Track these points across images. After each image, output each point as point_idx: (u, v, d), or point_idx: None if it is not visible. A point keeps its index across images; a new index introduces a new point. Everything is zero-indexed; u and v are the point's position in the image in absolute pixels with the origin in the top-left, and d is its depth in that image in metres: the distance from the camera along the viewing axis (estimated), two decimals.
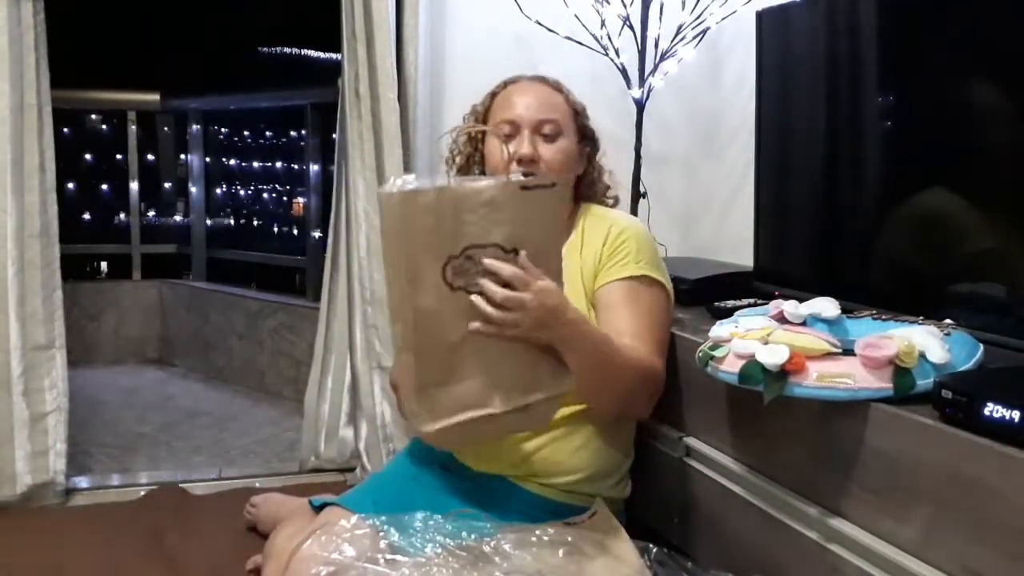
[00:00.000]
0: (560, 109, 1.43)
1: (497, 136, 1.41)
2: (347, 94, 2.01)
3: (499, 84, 1.49)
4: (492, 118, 1.45)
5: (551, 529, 1.24)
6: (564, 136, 1.42)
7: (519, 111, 1.40)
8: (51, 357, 1.93)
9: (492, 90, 1.49)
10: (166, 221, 3.73)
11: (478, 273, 1.09)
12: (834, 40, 1.46)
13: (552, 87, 1.46)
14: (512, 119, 1.40)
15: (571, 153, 1.43)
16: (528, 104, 1.41)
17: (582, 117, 1.47)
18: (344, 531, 1.17)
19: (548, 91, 1.45)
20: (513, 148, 1.38)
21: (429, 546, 1.13)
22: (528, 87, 1.45)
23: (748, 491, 1.26)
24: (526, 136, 1.39)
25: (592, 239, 1.43)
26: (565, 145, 1.42)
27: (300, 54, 3.66)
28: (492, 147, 1.44)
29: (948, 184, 1.25)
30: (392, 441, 2.05)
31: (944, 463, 0.93)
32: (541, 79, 1.47)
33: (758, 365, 1.07)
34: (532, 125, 1.39)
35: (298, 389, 2.72)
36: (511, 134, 1.40)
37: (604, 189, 1.53)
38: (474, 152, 1.49)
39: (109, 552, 1.67)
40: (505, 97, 1.45)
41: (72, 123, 3.71)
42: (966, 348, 1.07)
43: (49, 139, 1.91)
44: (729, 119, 2.19)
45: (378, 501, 1.32)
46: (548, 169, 1.38)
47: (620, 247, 1.40)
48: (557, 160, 1.39)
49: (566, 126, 1.42)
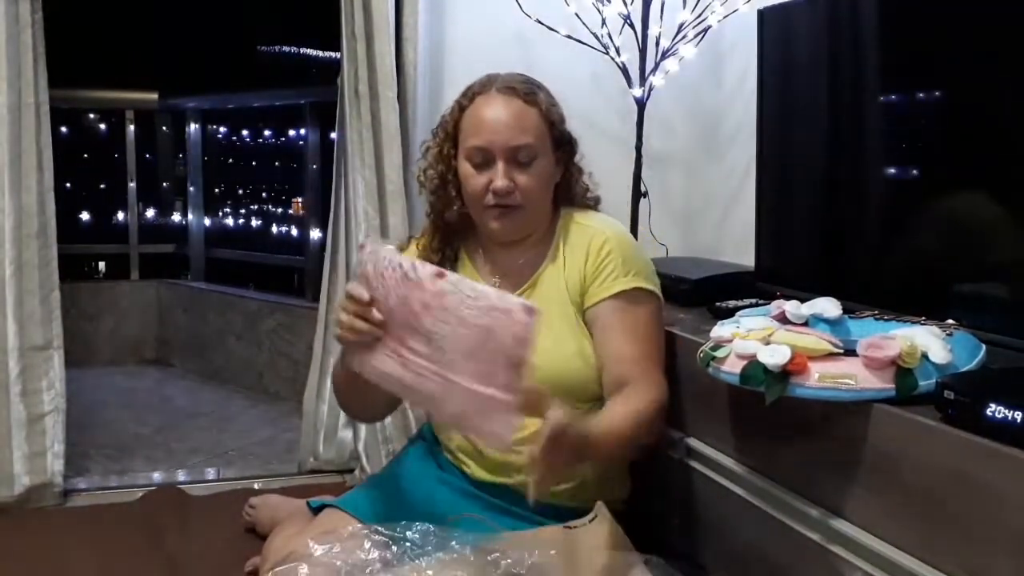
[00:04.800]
0: (533, 128, 1.33)
1: (469, 161, 1.34)
2: (347, 93, 2.01)
3: (466, 93, 1.38)
4: (462, 135, 1.36)
5: (551, 533, 1.23)
6: (539, 158, 1.34)
7: (489, 137, 1.31)
8: (49, 358, 1.92)
9: (459, 100, 1.38)
10: (164, 221, 3.72)
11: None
12: (836, 39, 1.46)
13: (524, 100, 1.34)
14: (483, 146, 1.32)
15: (548, 173, 1.36)
16: (499, 128, 1.31)
17: (558, 127, 1.37)
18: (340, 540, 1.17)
19: (520, 108, 1.33)
20: (487, 178, 1.32)
21: (424, 561, 1.12)
22: (498, 103, 1.33)
23: (749, 492, 1.25)
24: (500, 168, 1.31)
25: (573, 254, 1.38)
26: (541, 168, 1.34)
27: (299, 53, 3.66)
28: (465, 171, 1.35)
29: (950, 183, 1.25)
30: (391, 442, 2.05)
31: (946, 464, 0.93)
32: (511, 89, 1.34)
33: (760, 366, 1.07)
34: (505, 153, 1.31)
35: (297, 390, 2.70)
36: (483, 162, 1.33)
37: (583, 191, 1.46)
38: (447, 170, 1.39)
39: (107, 554, 1.67)
40: (474, 115, 1.35)
41: (70, 122, 3.70)
42: (968, 348, 1.07)
43: (47, 138, 1.90)
44: (730, 118, 2.19)
45: (376, 503, 1.31)
46: (525, 197, 1.33)
47: (605, 262, 1.35)
48: (534, 186, 1.33)
49: (541, 146, 1.34)
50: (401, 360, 1.13)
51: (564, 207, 1.44)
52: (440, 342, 1.08)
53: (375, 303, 1.15)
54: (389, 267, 1.12)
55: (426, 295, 1.09)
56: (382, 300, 1.14)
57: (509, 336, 1.03)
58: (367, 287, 1.15)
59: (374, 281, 1.14)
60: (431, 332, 1.09)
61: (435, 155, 1.41)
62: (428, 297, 1.08)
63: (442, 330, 1.08)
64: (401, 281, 1.11)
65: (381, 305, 1.14)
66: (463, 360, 1.07)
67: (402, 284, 1.11)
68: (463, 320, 1.06)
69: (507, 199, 1.33)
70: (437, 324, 1.08)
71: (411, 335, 1.11)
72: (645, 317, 1.36)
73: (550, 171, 1.38)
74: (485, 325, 1.05)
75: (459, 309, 1.06)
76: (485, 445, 1.20)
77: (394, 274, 1.11)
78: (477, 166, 1.34)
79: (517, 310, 1.03)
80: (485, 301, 1.05)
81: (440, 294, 1.08)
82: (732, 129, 2.18)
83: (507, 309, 1.04)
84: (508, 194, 1.32)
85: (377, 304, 1.14)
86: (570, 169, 1.43)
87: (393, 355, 1.14)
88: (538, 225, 1.41)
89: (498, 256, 1.42)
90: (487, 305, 1.05)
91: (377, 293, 1.14)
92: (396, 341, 1.13)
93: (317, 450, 2.12)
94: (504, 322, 1.03)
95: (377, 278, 1.14)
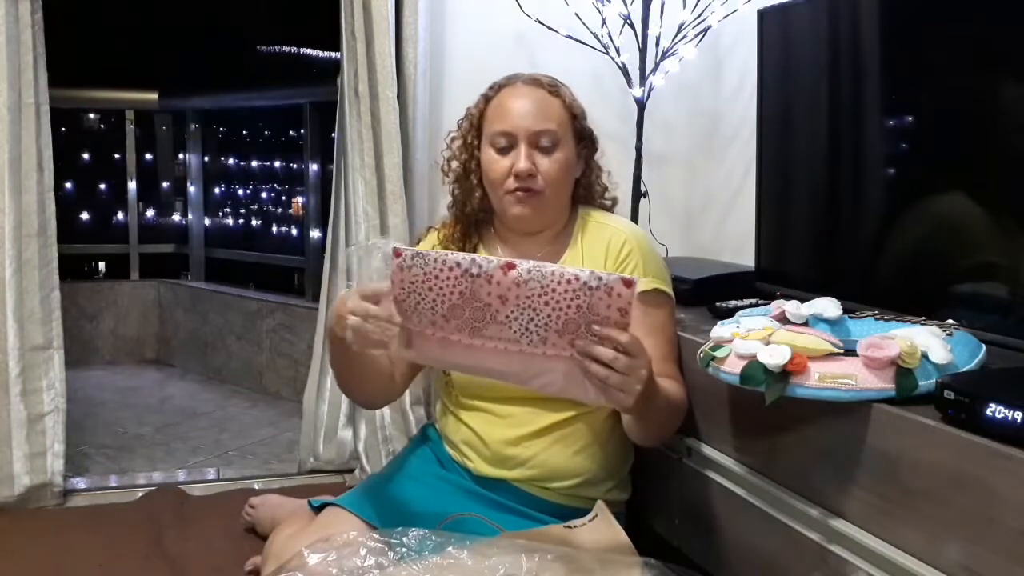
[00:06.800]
0: (557, 117, 1.37)
1: (493, 146, 1.37)
2: (346, 93, 2.01)
3: (492, 86, 1.43)
4: (487, 123, 1.40)
5: (551, 532, 1.23)
6: (562, 145, 1.37)
7: (514, 121, 1.35)
8: (49, 358, 1.92)
9: (485, 92, 1.43)
10: (164, 221, 3.72)
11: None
12: (836, 39, 1.46)
13: (548, 90, 1.39)
14: (507, 130, 1.35)
15: (569, 162, 1.39)
16: (523, 113, 1.35)
17: (579, 120, 1.41)
18: (335, 547, 1.17)
19: (544, 97, 1.38)
20: (509, 162, 1.35)
21: (420, 565, 1.12)
22: (523, 92, 1.38)
23: (749, 492, 1.25)
24: (523, 150, 1.34)
25: (593, 251, 1.40)
26: (563, 155, 1.37)
27: (299, 53, 3.65)
28: (488, 157, 1.38)
29: (951, 183, 1.25)
30: (391, 442, 2.05)
31: (946, 464, 0.93)
32: (536, 81, 1.40)
33: (760, 366, 1.07)
34: (528, 137, 1.34)
35: (297, 390, 2.71)
36: (507, 146, 1.36)
37: (602, 191, 1.49)
38: (470, 159, 1.43)
39: (107, 553, 1.67)
40: (499, 103, 1.39)
41: (70, 122, 3.69)
42: (968, 348, 1.07)
43: (47, 138, 1.90)
44: (730, 118, 2.19)
45: (378, 502, 1.31)
46: (546, 182, 1.35)
47: (626, 262, 1.37)
48: (555, 172, 1.36)
49: (564, 134, 1.37)
50: (468, 347, 1.13)
51: (582, 206, 1.46)
52: (527, 325, 1.08)
53: (398, 306, 1.14)
54: (443, 267, 1.10)
55: (500, 288, 1.08)
56: (412, 305, 1.13)
57: (614, 311, 1.05)
58: (393, 293, 1.14)
59: (407, 287, 1.12)
60: (513, 319, 1.09)
61: (459, 145, 1.44)
62: (503, 289, 1.08)
63: (527, 316, 1.08)
64: (462, 278, 1.09)
65: (403, 308, 1.14)
66: (557, 336, 1.08)
67: (464, 280, 1.09)
68: (553, 304, 1.07)
69: (529, 182, 1.35)
70: (521, 311, 1.08)
71: (485, 326, 1.10)
72: (665, 318, 1.39)
73: (572, 162, 1.40)
74: (582, 304, 1.06)
75: (545, 294, 1.07)
76: (592, 402, 1.18)
77: (451, 273, 1.10)
78: (500, 150, 1.37)
79: (618, 286, 1.05)
80: (576, 283, 1.06)
81: (518, 283, 1.07)
82: (732, 129, 2.18)
83: (607, 286, 1.05)
84: (530, 177, 1.34)
85: (400, 308, 1.14)
86: (591, 166, 1.46)
87: (457, 344, 1.13)
88: (557, 217, 1.42)
89: (518, 247, 1.43)
90: (579, 286, 1.06)
91: (408, 299, 1.13)
92: (464, 334, 1.12)
93: (317, 450, 2.12)
94: (605, 299, 1.05)
95: (414, 283, 1.12)
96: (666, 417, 1.30)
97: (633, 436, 1.34)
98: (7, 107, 1.82)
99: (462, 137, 1.44)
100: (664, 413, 1.27)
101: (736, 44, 2.08)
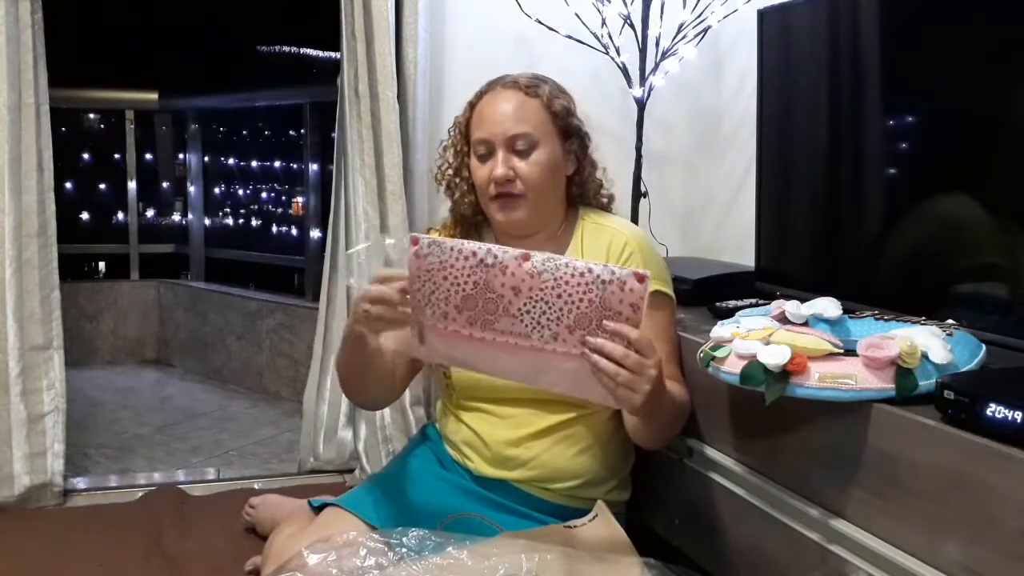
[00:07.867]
0: (533, 118, 1.35)
1: (475, 154, 1.38)
2: (346, 93, 2.01)
3: (477, 93, 1.43)
4: (471, 131, 1.40)
5: (551, 532, 1.23)
6: (541, 146, 1.35)
7: (490, 128, 1.36)
8: (49, 358, 1.92)
9: (471, 100, 1.43)
10: (164, 221, 3.72)
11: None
12: (836, 39, 1.46)
13: (526, 91, 1.37)
14: (484, 137, 1.36)
15: (551, 162, 1.37)
16: (498, 119, 1.35)
17: (562, 118, 1.38)
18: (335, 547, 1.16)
19: (520, 99, 1.36)
20: (489, 168, 1.35)
21: (420, 566, 1.12)
22: (501, 97, 1.37)
23: (749, 492, 1.25)
24: (500, 156, 1.34)
25: (593, 253, 1.39)
26: (542, 156, 1.35)
27: (299, 53, 3.65)
28: (472, 165, 1.40)
29: (951, 183, 1.25)
30: (391, 442, 2.05)
31: (946, 464, 0.93)
32: (515, 84, 1.38)
33: (760, 366, 1.07)
34: (504, 142, 1.34)
35: (297, 390, 2.71)
36: (486, 153, 1.36)
37: (597, 188, 1.48)
38: (461, 167, 1.43)
39: (107, 554, 1.67)
40: (479, 110, 1.39)
41: (70, 122, 3.69)
42: (968, 348, 1.07)
43: (47, 138, 1.90)
44: (730, 118, 2.19)
45: (378, 501, 1.31)
46: (526, 185, 1.35)
47: (626, 264, 1.37)
48: (535, 174, 1.35)
49: (543, 135, 1.36)
50: (479, 342, 1.12)
51: (581, 206, 1.46)
52: (539, 319, 1.08)
53: (412, 299, 1.14)
54: (459, 256, 1.10)
55: (514, 279, 1.08)
56: (426, 295, 1.13)
57: (626, 306, 1.05)
58: (410, 282, 1.13)
59: (423, 276, 1.12)
60: (525, 312, 1.09)
61: (451, 154, 1.45)
62: (517, 280, 1.08)
63: (539, 308, 1.08)
64: (478, 267, 1.09)
65: (416, 300, 1.14)
66: (568, 332, 1.08)
67: (479, 270, 1.09)
68: (566, 296, 1.07)
69: (507, 187, 1.35)
70: (534, 304, 1.08)
71: (497, 319, 1.10)
72: (667, 320, 1.39)
73: (556, 161, 1.38)
74: (594, 299, 1.06)
75: (559, 287, 1.07)
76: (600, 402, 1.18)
77: (467, 262, 1.10)
78: (481, 157, 1.38)
79: (630, 280, 1.05)
80: (589, 276, 1.06)
81: (532, 275, 1.07)
82: (732, 129, 2.18)
83: (620, 281, 1.05)
84: (508, 182, 1.34)
85: (413, 300, 1.14)
86: (583, 162, 1.45)
87: (468, 339, 1.13)
88: (549, 218, 1.42)
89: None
90: (592, 279, 1.06)
91: (423, 288, 1.13)
92: (476, 327, 1.12)
93: (317, 450, 2.12)
94: (617, 294, 1.05)
95: (430, 271, 1.11)
96: (670, 419, 1.30)
97: (637, 438, 1.34)
98: (7, 107, 1.82)
99: (453, 146, 1.45)
100: (669, 415, 1.28)
101: (736, 44, 2.08)
